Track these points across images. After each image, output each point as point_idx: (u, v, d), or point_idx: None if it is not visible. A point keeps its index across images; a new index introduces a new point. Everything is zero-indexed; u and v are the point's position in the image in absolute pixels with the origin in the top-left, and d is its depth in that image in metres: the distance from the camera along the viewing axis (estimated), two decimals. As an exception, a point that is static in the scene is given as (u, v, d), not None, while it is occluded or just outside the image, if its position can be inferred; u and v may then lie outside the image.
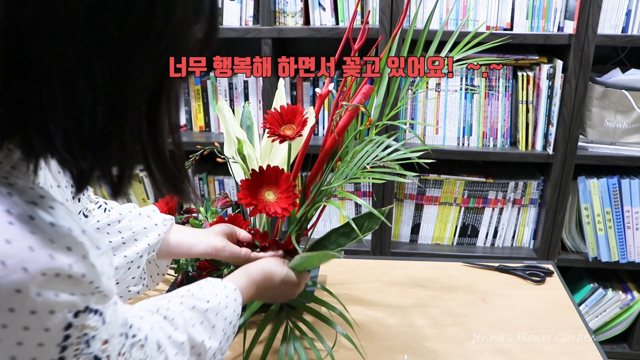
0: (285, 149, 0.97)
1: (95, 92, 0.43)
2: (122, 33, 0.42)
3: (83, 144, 0.44)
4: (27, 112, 0.42)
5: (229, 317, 0.69)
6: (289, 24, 1.77)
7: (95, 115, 0.44)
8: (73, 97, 0.42)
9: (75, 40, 0.41)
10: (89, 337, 0.48)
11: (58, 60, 0.41)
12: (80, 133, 0.44)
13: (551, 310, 1.08)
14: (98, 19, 0.41)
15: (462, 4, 1.70)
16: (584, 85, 1.67)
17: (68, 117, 0.43)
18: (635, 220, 1.78)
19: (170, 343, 0.61)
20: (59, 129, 0.43)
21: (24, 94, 0.42)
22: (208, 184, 2.00)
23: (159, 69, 0.47)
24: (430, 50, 1.05)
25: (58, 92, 0.42)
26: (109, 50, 0.42)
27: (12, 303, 0.42)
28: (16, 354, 0.43)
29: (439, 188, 1.89)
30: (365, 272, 1.20)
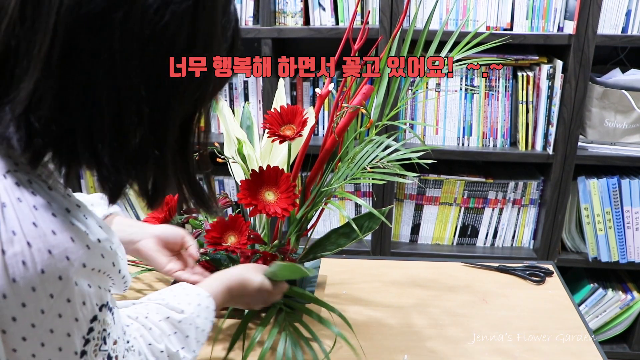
0: (285, 149, 0.97)
1: (141, 116, 0.47)
2: (168, 65, 0.47)
3: (126, 161, 0.48)
4: (78, 129, 0.46)
5: (201, 326, 0.73)
6: (289, 24, 1.77)
7: (140, 138, 0.48)
8: (121, 120, 0.46)
9: (126, 70, 0.45)
10: (106, 333, 0.52)
11: (109, 86, 0.45)
12: (125, 152, 0.48)
13: (551, 310, 1.07)
14: (147, 51, 0.45)
15: (462, 4, 1.70)
16: (584, 85, 1.67)
17: (115, 137, 0.47)
18: (635, 220, 1.78)
19: (150, 351, 0.65)
20: (106, 146, 0.47)
21: (77, 113, 0.45)
22: (208, 184, 2.00)
23: (196, 94, 0.51)
24: (430, 50, 1.05)
25: (107, 115, 0.46)
26: (155, 79, 0.47)
27: (53, 289, 0.45)
28: (46, 341, 0.47)
29: (439, 188, 1.89)
30: (365, 272, 1.20)
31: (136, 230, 0.90)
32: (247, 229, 0.93)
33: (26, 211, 0.45)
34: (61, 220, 0.46)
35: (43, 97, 0.44)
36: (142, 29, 0.45)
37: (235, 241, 0.93)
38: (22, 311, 0.45)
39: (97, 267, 0.49)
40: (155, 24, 0.45)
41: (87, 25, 0.43)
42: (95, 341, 0.50)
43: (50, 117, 0.45)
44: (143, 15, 0.44)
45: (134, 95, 0.46)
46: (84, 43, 0.44)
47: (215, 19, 0.49)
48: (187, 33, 0.47)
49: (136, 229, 0.91)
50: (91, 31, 0.44)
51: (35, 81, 0.43)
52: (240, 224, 0.94)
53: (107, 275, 0.51)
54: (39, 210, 0.46)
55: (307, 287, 1.09)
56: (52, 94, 0.44)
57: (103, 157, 0.47)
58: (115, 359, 0.54)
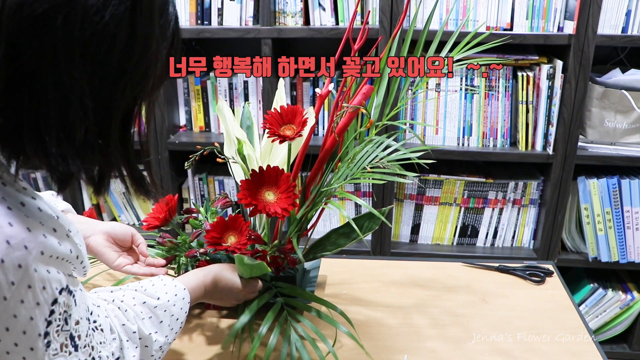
0: (285, 149, 0.97)
1: (85, 110, 0.49)
2: (109, 61, 0.50)
3: (73, 151, 0.51)
4: (25, 123, 0.48)
5: (175, 314, 0.77)
6: (289, 24, 1.77)
7: (85, 129, 0.50)
8: (66, 114, 0.49)
9: (69, 67, 0.47)
10: (67, 314, 0.55)
11: (54, 83, 0.47)
12: (72, 143, 0.50)
13: (551, 310, 1.08)
14: (89, 50, 0.48)
15: (462, 4, 1.70)
16: (584, 85, 1.67)
17: (62, 129, 0.49)
18: (635, 220, 1.78)
19: (123, 330, 0.69)
20: (53, 139, 0.49)
21: (23, 109, 0.48)
22: (208, 184, 2.00)
23: (136, 89, 0.54)
24: (430, 50, 1.05)
25: (53, 110, 0.48)
26: (97, 75, 0.49)
27: (14, 277, 0.49)
28: (10, 326, 0.50)
29: (439, 188, 1.89)
30: (365, 272, 1.20)
31: (86, 227, 0.94)
32: (247, 229, 0.93)
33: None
34: (16, 213, 0.50)
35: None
36: (83, 29, 0.47)
37: (235, 241, 0.93)
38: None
39: (54, 254, 0.52)
40: (96, 24, 0.47)
41: (29, 27, 0.45)
42: (57, 322, 0.54)
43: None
44: (84, 16, 0.47)
45: (78, 91, 0.48)
46: (27, 43, 0.46)
47: (152, 19, 0.52)
48: (126, 33, 0.50)
49: (86, 225, 0.94)
50: (34, 32, 0.46)
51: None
52: (240, 224, 0.94)
53: (65, 261, 0.55)
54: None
55: (307, 287, 1.10)
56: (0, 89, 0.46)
57: (50, 148, 0.49)
58: (77, 338, 0.58)
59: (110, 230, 0.95)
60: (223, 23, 1.81)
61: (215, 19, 1.81)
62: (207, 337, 0.98)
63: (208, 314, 1.04)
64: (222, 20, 1.81)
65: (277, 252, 0.96)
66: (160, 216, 1.03)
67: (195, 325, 1.01)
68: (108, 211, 2.11)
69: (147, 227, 1.03)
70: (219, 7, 1.80)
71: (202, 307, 1.04)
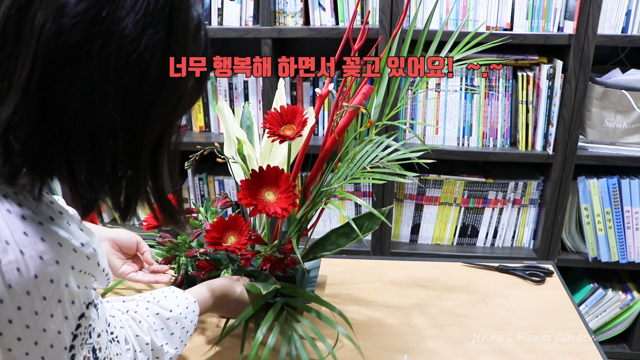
0: (285, 149, 0.97)
1: (116, 139, 0.50)
2: (142, 90, 0.49)
3: (101, 180, 0.51)
4: (55, 151, 0.49)
5: (186, 327, 0.79)
6: (289, 24, 1.77)
7: (115, 159, 0.51)
8: (97, 143, 0.49)
9: (103, 96, 0.47)
10: (91, 328, 0.56)
11: (86, 111, 0.47)
12: (101, 173, 0.51)
13: (551, 310, 1.07)
14: (122, 80, 0.48)
15: (462, 4, 1.70)
16: (584, 85, 1.67)
17: (91, 159, 0.49)
18: (635, 220, 1.78)
19: (137, 342, 0.70)
20: (83, 167, 0.49)
21: (54, 136, 0.48)
22: (208, 184, 2.00)
23: (168, 117, 0.54)
24: (430, 50, 1.05)
25: (84, 138, 0.48)
26: (130, 104, 0.49)
27: (46, 292, 0.49)
28: (39, 340, 0.50)
29: (439, 188, 1.89)
30: (365, 272, 1.20)
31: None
32: (247, 229, 0.93)
33: (16, 221, 0.48)
34: (48, 228, 0.50)
35: (22, 119, 0.46)
36: (117, 58, 0.47)
37: (235, 241, 0.93)
38: (18, 314, 0.48)
39: (83, 268, 0.53)
40: (130, 54, 0.47)
41: (65, 54, 0.45)
42: (82, 335, 0.54)
43: (29, 138, 0.47)
44: (119, 46, 0.47)
45: (110, 120, 0.48)
46: (62, 71, 0.46)
47: (186, 46, 0.52)
48: (160, 61, 0.50)
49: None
50: (69, 60, 0.46)
51: (15, 105, 0.46)
52: (240, 224, 0.93)
53: (90, 274, 0.55)
54: (27, 220, 0.49)
55: (307, 287, 1.09)
56: (31, 117, 0.46)
57: (79, 176, 0.50)
58: (98, 351, 0.58)
59: (115, 237, 0.95)
60: (223, 23, 1.81)
61: (215, 19, 1.81)
62: (207, 337, 0.98)
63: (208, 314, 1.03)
64: (222, 20, 1.81)
65: (277, 252, 0.96)
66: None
67: (195, 325, 1.01)
68: (108, 211, 2.11)
69: (147, 227, 1.03)
70: (219, 7, 1.80)
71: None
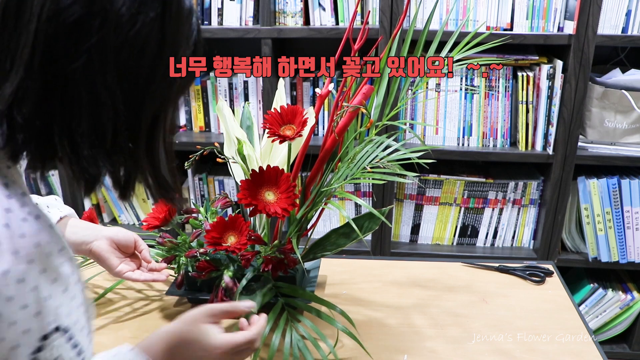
0: (285, 149, 0.97)
1: (116, 112, 0.51)
2: (141, 66, 0.51)
3: (104, 155, 0.52)
4: (59, 126, 0.50)
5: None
6: (289, 24, 1.77)
7: (116, 133, 0.52)
8: (99, 117, 0.50)
9: (103, 72, 0.49)
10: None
11: (88, 87, 0.49)
12: (103, 146, 0.52)
13: (551, 310, 1.08)
14: (121, 55, 0.50)
15: (462, 4, 1.70)
16: (584, 85, 1.67)
17: (93, 132, 0.51)
18: (635, 220, 1.78)
19: None
20: (85, 141, 0.50)
21: (58, 112, 0.49)
22: (208, 184, 2.00)
23: (165, 94, 0.56)
24: (430, 50, 1.05)
25: (86, 112, 0.50)
26: (129, 80, 0.51)
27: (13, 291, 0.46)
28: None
29: (439, 188, 1.89)
30: (365, 272, 1.20)
31: (89, 233, 0.94)
32: (247, 229, 0.93)
33: None
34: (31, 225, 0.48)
35: (26, 95, 0.47)
36: (116, 36, 0.49)
37: (235, 241, 0.93)
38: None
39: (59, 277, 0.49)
40: (128, 31, 0.49)
41: (65, 33, 0.47)
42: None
43: (32, 114, 0.48)
44: (117, 24, 0.49)
45: (110, 95, 0.50)
46: (63, 49, 0.47)
47: (180, 27, 0.55)
48: (156, 39, 0.52)
49: (89, 231, 0.94)
50: (69, 38, 0.47)
51: (19, 81, 0.47)
52: (240, 224, 0.94)
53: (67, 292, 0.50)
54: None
55: (307, 287, 1.10)
56: (34, 93, 0.48)
57: (83, 150, 0.51)
58: None
59: (113, 236, 0.94)
60: (223, 23, 1.81)
61: (215, 18, 1.81)
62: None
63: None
64: (222, 20, 1.81)
65: (277, 252, 0.96)
66: (160, 216, 1.03)
67: (195, 325, 1.01)
68: (108, 211, 2.11)
69: (147, 227, 1.03)
70: (219, 7, 1.80)
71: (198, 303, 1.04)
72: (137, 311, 1.05)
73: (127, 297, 1.09)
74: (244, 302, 0.79)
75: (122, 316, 1.03)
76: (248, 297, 0.95)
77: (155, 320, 1.02)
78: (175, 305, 1.06)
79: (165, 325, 0.73)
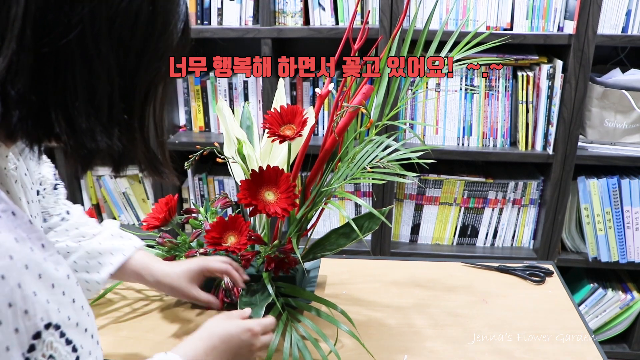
0: (285, 149, 0.97)
1: (112, 84, 0.51)
2: (134, 36, 0.51)
3: (101, 127, 0.51)
4: (54, 99, 0.49)
5: None
6: (289, 24, 1.77)
7: (112, 104, 0.51)
8: (94, 89, 0.50)
9: (97, 42, 0.49)
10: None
11: (82, 58, 0.48)
12: (99, 118, 0.51)
13: (551, 310, 1.07)
14: (115, 25, 0.49)
15: (462, 4, 1.70)
16: (584, 85, 1.67)
17: (89, 104, 0.50)
18: (635, 220, 1.78)
19: None
20: (82, 114, 0.50)
21: (52, 85, 0.49)
22: (208, 184, 2.00)
23: (158, 66, 0.55)
24: (430, 50, 1.05)
25: (81, 85, 0.49)
26: (123, 50, 0.51)
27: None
28: None
29: (438, 188, 1.89)
30: (365, 272, 1.20)
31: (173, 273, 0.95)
32: (247, 229, 0.93)
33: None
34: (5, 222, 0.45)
35: (19, 68, 0.47)
36: (108, 5, 0.49)
37: (235, 241, 0.93)
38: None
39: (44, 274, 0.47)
40: (120, 1, 0.49)
41: (56, 3, 0.47)
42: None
43: (27, 88, 0.47)
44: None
45: (105, 65, 0.50)
46: (54, 19, 0.47)
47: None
48: (148, 9, 0.52)
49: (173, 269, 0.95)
50: (61, 9, 0.47)
51: (11, 54, 0.46)
52: (240, 224, 0.94)
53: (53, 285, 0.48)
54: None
55: (307, 287, 1.10)
56: (28, 67, 0.47)
57: (80, 123, 0.50)
58: None
59: (192, 273, 0.95)
60: (223, 23, 1.81)
61: (215, 18, 1.81)
62: (207, 337, 0.98)
63: (208, 314, 1.03)
64: (222, 20, 1.81)
65: (278, 252, 0.96)
66: (160, 216, 1.03)
67: (195, 325, 1.01)
68: (108, 211, 2.11)
69: (147, 227, 1.03)
70: (219, 7, 1.80)
71: (204, 308, 1.04)
72: (136, 311, 1.05)
73: (127, 297, 1.09)
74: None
75: (122, 316, 1.03)
76: (249, 298, 0.95)
77: (155, 320, 1.02)
78: (175, 306, 1.06)
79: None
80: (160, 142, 0.61)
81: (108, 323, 1.01)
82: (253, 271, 1.00)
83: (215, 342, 0.76)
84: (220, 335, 0.77)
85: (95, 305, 1.06)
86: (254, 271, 1.00)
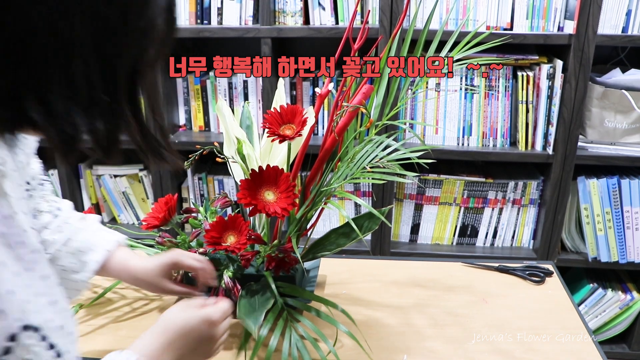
0: (285, 149, 0.97)
1: (88, 63, 0.46)
2: (108, 13, 0.46)
3: (80, 110, 0.47)
4: (27, 84, 0.45)
5: None
6: (289, 23, 1.77)
7: (90, 85, 0.47)
8: (69, 69, 0.45)
9: (68, 19, 0.44)
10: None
11: (53, 36, 0.44)
12: (77, 101, 0.47)
13: (551, 310, 1.07)
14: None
15: (462, 4, 1.70)
16: (584, 85, 1.67)
17: (66, 86, 0.46)
18: (635, 221, 1.78)
19: None
20: (58, 97, 0.46)
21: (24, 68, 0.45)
22: (207, 184, 2.00)
23: (139, 47, 0.50)
24: (430, 50, 1.05)
25: (54, 65, 0.45)
26: (98, 28, 0.46)
27: None
28: None
29: (438, 188, 1.88)
30: (365, 272, 1.20)
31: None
32: (246, 229, 0.93)
33: None
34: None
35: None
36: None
37: (234, 241, 0.92)
38: None
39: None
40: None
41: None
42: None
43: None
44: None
45: (79, 42, 0.45)
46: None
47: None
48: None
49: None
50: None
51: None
52: (239, 223, 0.93)
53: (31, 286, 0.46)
54: None
55: (306, 287, 1.09)
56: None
57: (56, 107, 0.46)
58: None
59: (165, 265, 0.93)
60: (223, 22, 1.81)
61: (215, 18, 1.81)
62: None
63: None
64: (222, 19, 1.81)
65: (277, 252, 0.96)
66: (160, 216, 1.03)
67: (194, 325, 1.01)
68: (107, 211, 2.11)
69: (147, 227, 1.03)
70: (219, 6, 1.80)
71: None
72: (136, 311, 1.05)
73: (126, 297, 1.09)
74: None
75: (121, 316, 1.03)
76: (248, 298, 0.95)
77: (155, 320, 1.01)
78: (174, 305, 1.06)
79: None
80: (159, 126, 0.57)
81: (107, 322, 1.01)
82: (253, 271, 1.00)
83: (172, 337, 0.71)
84: (177, 329, 0.72)
85: (95, 305, 1.06)
86: (253, 271, 1.00)
